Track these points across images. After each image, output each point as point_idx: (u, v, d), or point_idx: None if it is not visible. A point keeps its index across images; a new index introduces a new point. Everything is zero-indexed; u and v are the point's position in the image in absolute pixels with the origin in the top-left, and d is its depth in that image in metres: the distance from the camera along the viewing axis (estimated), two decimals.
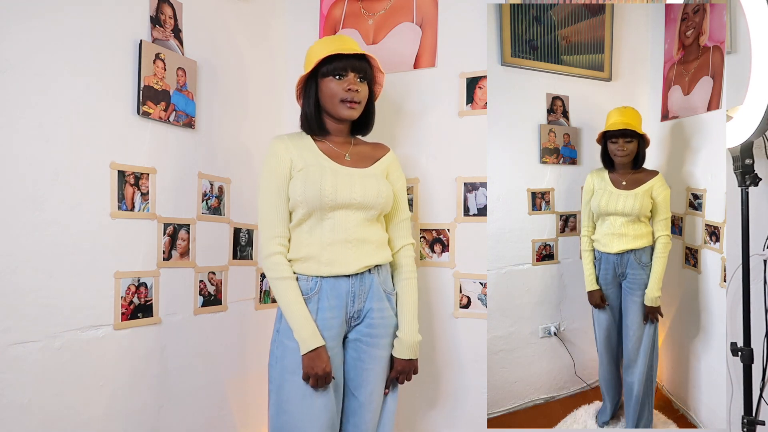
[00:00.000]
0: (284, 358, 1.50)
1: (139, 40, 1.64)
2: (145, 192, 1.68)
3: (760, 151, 1.74)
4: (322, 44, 1.58)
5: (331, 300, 1.52)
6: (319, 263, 1.52)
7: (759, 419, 1.60)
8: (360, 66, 1.56)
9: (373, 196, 1.56)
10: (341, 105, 1.55)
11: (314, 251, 1.52)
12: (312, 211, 1.52)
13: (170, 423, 1.76)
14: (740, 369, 1.64)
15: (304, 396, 1.47)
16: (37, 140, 1.39)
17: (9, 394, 1.31)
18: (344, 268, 1.52)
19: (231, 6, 2.05)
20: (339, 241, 1.53)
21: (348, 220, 1.54)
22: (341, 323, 1.54)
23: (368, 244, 1.56)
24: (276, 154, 1.56)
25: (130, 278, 1.63)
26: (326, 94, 1.56)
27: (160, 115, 1.71)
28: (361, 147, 1.68)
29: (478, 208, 2.02)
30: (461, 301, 2.03)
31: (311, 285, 1.52)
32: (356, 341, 1.57)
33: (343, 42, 1.58)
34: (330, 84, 1.55)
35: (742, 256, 1.61)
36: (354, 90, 1.54)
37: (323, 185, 1.50)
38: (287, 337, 1.50)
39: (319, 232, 1.53)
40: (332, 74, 1.54)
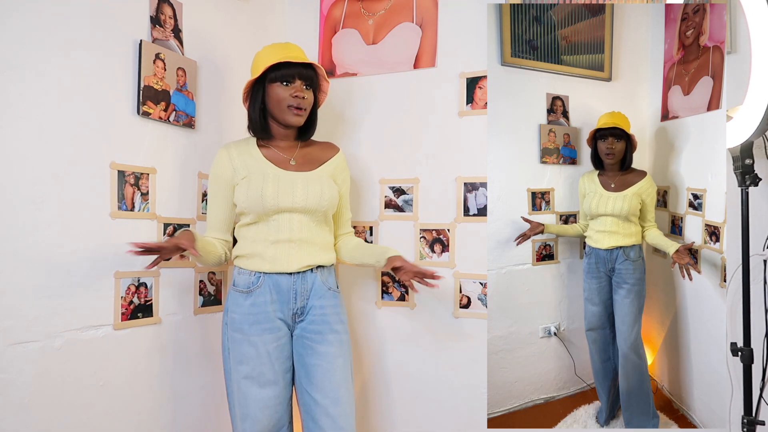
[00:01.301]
0: (232, 350, 1.61)
1: (139, 40, 1.64)
2: (145, 192, 1.68)
3: (760, 151, 1.74)
4: (271, 50, 1.63)
5: (273, 294, 1.62)
6: (262, 260, 1.61)
7: (759, 419, 1.60)
8: (307, 74, 1.64)
9: (315, 200, 1.64)
10: (288, 111, 1.63)
11: (259, 249, 1.62)
12: (257, 216, 1.62)
13: (170, 423, 1.76)
14: (740, 369, 1.64)
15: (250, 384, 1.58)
16: (37, 140, 1.39)
17: (9, 394, 1.32)
18: (286, 266, 1.62)
19: (231, 6, 2.05)
20: (283, 240, 1.62)
21: (292, 221, 1.63)
22: (285, 317, 1.64)
23: (312, 245, 1.65)
24: (219, 163, 1.67)
25: (130, 278, 1.63)
26: (273, 100, 1.63)
27: (160, 115, 1.71)
28: (310, 149, 1.75)
29: (478, 208, 2.02)
30: (461, 301, 2.03)
31: (252, 279, 1.62)
32: (301, 338, 1.65)
33: (291, 50, 1.64)
34: (277, 90, 1.61)
35: (742, 256, 1.61)
36: (300, 96, 1.62)
37: (264, 192, 1.60)
38: (233, 328, 1.61)
39: (265, 231, 1.63)
40: (280, 80, 1.61)
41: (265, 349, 1.60)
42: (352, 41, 2.21)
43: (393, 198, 2.13)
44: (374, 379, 2.14)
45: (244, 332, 1.60)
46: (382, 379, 2.13)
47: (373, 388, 2.14)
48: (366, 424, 2.15)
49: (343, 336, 1.67)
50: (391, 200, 2.14)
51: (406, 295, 2.11)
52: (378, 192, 2.15)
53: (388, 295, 2.13)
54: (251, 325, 1.60)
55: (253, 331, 1.60)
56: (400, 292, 2.11)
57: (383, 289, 2.14)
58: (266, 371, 1.59)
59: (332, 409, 1.58)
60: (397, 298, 2.11)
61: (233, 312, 1.63)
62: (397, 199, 2.13)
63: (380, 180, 2.15)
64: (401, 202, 2.12)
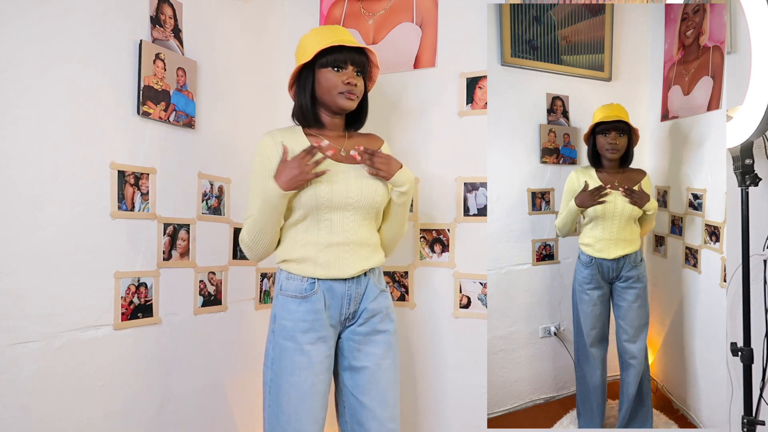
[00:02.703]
0: (282, 359, 1.47)
1: (139, 40, 1.64)
2: (145, 192, 1.68)
3: (760, 151, 1.74)
4: (320, 34, 1.53)
5: (327, 300, 1.50)
6: (315, 265, 1.50)
7: (759, 419, 1.60)
8: (359, 60, 1.53)
9: (369, 196, 1.53)
10: (340, 96, 1.51)
11: (310, 253, 1.50)
12: (308, 213, 1.50)
13: (170, 423, 1.76)
14: (740, 369, 1.64)
15: (303, 397, 1.45)
16: (37, 140, 1.39)
17: (9, 394, 1.32)
18: (341, 272, 1.51)
19: (231, 6, 2.05)
20: (336, 243, 1.51)
21: (345, 221, 1.52)
22: (336, 323, 1.54)
23: (365, 247, 1.55)
24: (265, 152, 1.52)
25: (130, 278, 1.63)
26: (324, 86, 1.52)
27: (160, 115, 1.71)
28: (356, 139, 1.64)
29: (478, 208, 2.02)
30: (461, 301, 2.03)
31: (306, 286, 1.49)
32: (349, 341, 1.56)
33: (342, 33, 1.54)
34: (328, 75, 1.51)
35: (742, 256, 1.61)
36: (353, 84, 1.51)
37: (318, 188, 1.48)
38: (283, 336, 1.48)
39: (316, 233, 1.51)
40: (331, 65, 1.50)
41: (319, 359, 1.48)
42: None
43: None
44: None
45: (296, 341, 1.46)
46: None
47: None
48: None
49: (392, 336, 1.58)
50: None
51: (406, 295, 2.11)
52: None
53: None
54: (305, 333, 1.47)
55: (306, 339, 1.47)
56: (400, 292, 2.11)
57: None
58: (318, 383, 1.47)
59: (380, 411, 1.51)
60: (397, 298, 2.11)
61: (284, 319, 1.48)
62: None
63: None
64: None
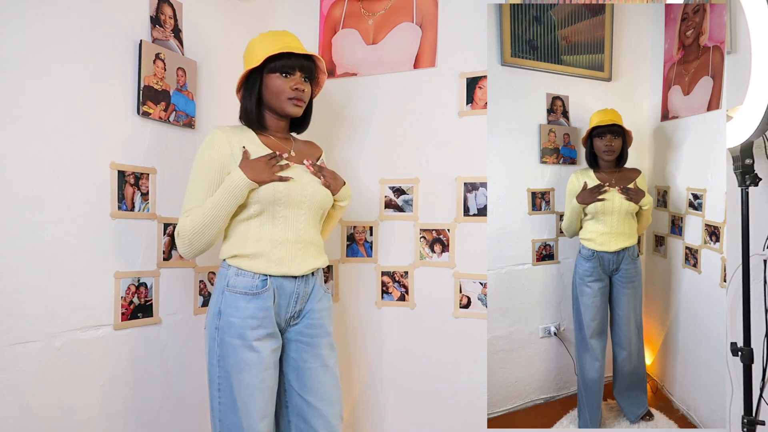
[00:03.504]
0: (229, 356, 1.46)
1: (139, 40, 1.64)
2: (145, 192, 1.68)
3: (760, 151, 1.74)
4: (269, 39, 1.56)
5: (277, 298, 1.51)
6: (269, 261, 1.50)
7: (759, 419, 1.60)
8: (307, 66, 1.57)
9: (320, 197, 1.59)
10: (288, 102, 1.55)
11: (264, 248, 1.50)
12: (264, 208, 1.50)
13: (170, 423, 1.76)
14: (740, 369, 1.64)
15: (253, 393, 1.45)
16: (37, 140, 1.39)
17: (9, 394, 1.32)
18: (293, 269, 1.52)
19: (231, 6, 2.05)
20: (290, 240, 1.53)
21: (298, 219, 1.55)
22: (281, 321, 1.55)
23: (313, 246, 1.59)
24: (214, 146, 1.50)
25: (130, 278, 1.63)
26: (272, 91, 1.55)
27: (160, 115, 1.71)
28: (299, 144, 1.69)
29: (478, 208, 2.02)
30: (461, 301, 2.03)
31: (257, 282, 1.49)
32: (296, 342, 1.58)
33: (291, 39, 1.57)
34: (276, 81, 1.54)
35: (742, 256, 1.61)
36: (301, 89, 1.55)
37: (277, 184, 1.49)
38: (230, 334, 1.46)
39: (270, 229, 1.51)
40: (280, 71, 1.54)
41: (266, 354, 1.48)
42: (352, 41, 2.21)
43: (393, 198, 2.13)
44: (374, 379, 2.14)
45: (245, 338, 1.45)
46: (382, 380, 2.13)
47: (374, 388, 2.14)
48: (366, 424, 2.15)
49: (333, 336, 1.64)
50: (391, 200, 2.14)
51: (406, 295, 2.11)
52: (378, 192, 2.15)
53: (388, 295, 2.13)
54: (254, 329, 1.46)
55: (254, 335, 1.46)
56: (400, 292, 2.11)
57: (383, 289, 2.14)
58: (267, 378, 1.48)
59: (326, 410, 1.55)
60: (397, 298, 2.11)
61: (231, 316, 1.47)
62: (397, 199, 2.13)
63: (380, 180, 2.15)
64: (401, 202, 2.12)
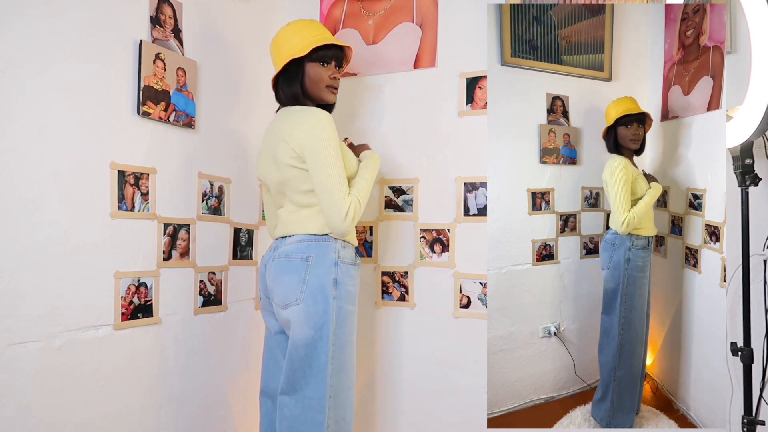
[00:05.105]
0: (345, 323, 1.57)
1: (139, 40, 1.64)
2: (145, 192, 1.68)
3: (760, 151, 1.74)
4: (309, 28, 1.63)
5: None
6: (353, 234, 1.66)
7: (759, 419, 1.60)
8: (340, 56, 1.69)
9: None
10: (326, 90, 1.66)
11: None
12: None
13: (170, 423, 1.76)
14: (740, 369, 1.64)
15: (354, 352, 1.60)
16: (37, 140, 1.39)
17: (9, 394, 1.32)
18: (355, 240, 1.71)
19: (231, 6, 2.05)
20: None
21: None
22: None
23: None
24: (332, 124, 1.56)
25: (130, 278, 1.63)
26: (313, 79, 1.64)
27: (160, 115, 1.71)
28: None
29: (478, 208, 2.02)
30: (461, 301, 2.03)
31: (355, 254, 1.66)
32: None
33: (326, 30, 1.67)
34: (317, 69, 1.64)
35: (742, 256, 1.61)
36: (337, 78, 1.67)
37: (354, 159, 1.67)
38: (348, 301, 1.58)
39: None
40: (319, 60, 1.63)
41: None
42: (352, 41, 2.21)
43: (393, 198, 2.13)
44: (374, 380, 2.14)
45: (356, 305, 1.62)
46: (382, 380, 2.13)
47: (374, 388, 2.14)
48: (366, 425, 2.15)
49: None
50: (391, 200, 2.14)
51: (406, 295, 2.11)
52: (378, 192, 2.15)
53: (388, 295, 2.13)
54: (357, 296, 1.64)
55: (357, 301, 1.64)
56: (400, 292, 2.11)
57: (383, 289, 2.14)
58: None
59: None
60: (397, 298, 2.11)
61: (349, 285, 1.59)
62: (397, 199, 2.13)
63: (380, 180, 2.15)
64: (401, 202, 2.12)
